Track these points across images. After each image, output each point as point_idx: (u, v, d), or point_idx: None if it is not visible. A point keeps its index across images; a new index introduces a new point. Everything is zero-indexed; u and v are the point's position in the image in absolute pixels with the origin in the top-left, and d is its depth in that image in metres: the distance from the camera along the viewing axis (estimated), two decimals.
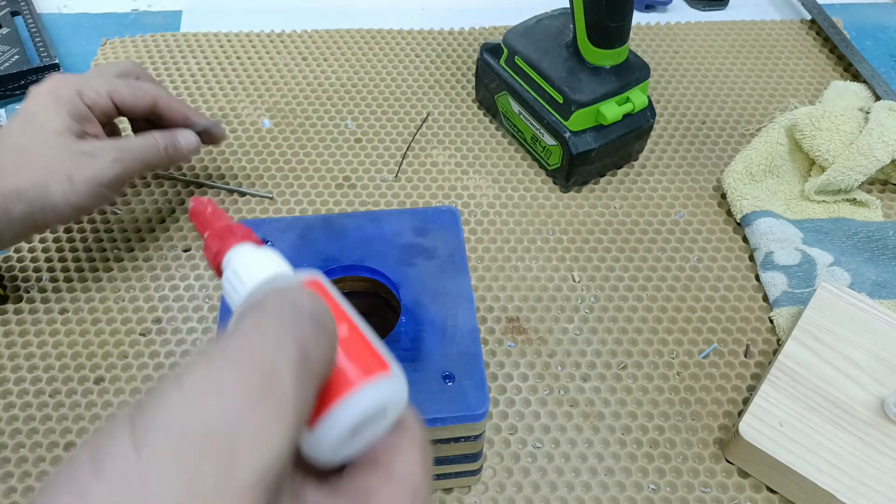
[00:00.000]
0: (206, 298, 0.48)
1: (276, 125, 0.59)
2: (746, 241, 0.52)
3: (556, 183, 0.55)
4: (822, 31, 0.69)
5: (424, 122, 0.60)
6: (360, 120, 0.60)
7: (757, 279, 0.50)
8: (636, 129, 0.53)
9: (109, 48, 0.65)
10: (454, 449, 0.35)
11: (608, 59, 0.50)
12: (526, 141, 0.56)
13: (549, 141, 0.53)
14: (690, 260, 0.51)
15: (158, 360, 0.45)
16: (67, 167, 0.40)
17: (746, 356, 0.46)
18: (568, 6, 0.49)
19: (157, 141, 0.44)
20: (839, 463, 0.38)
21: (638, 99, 0.51)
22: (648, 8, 0.72)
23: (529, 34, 0.54)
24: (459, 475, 0.38)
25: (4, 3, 0.68)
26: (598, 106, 0.50)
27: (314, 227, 0.38)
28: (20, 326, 0.46)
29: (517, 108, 0.55)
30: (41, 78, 0.51)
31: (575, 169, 0.52)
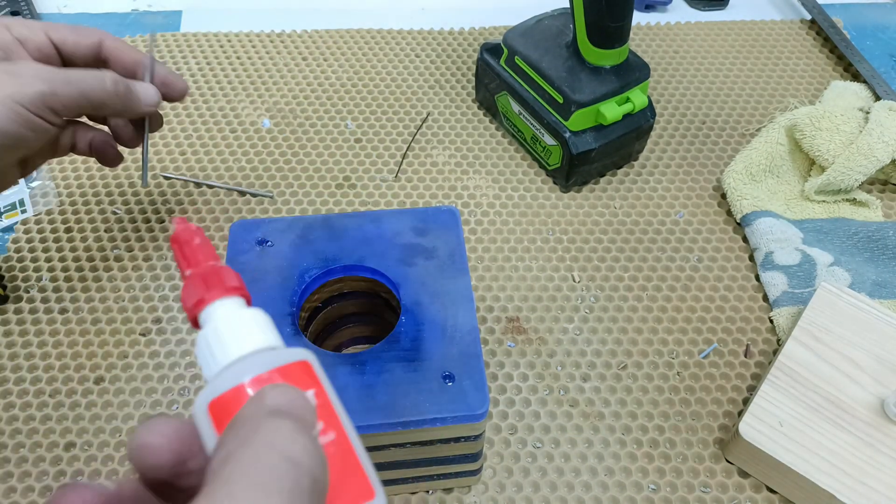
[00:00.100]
0: None
1: (276, 125, 0.59)
2: (746, 241, 0.52)
3: (556, 183, 0.55)
4: (822, 31, 0.69)
5: (424, 122, 0.60)
6: (360, 120, 0.60)
7: (757, 279, 0.50)
8: (636, 129, 0.53)
9: None
10: (454, 449, 0.35)
11: (608, 59, 0.50)
12: (526, 141, 0.56)
13: (549, 141, 0.53)
14: (690, 260, 0.51)
15: (158, 360, 0.45)
16: None
17: (746, 356, 0.46)
18: (568, 6, 0.49)
19: (104, 75, 0.38)
20: (839, 463, 0.38)
21: (638, 99, 0.51)
22: (648, 8, 0.72)
23: (529, 34, 0.54)
24: (459, 475, 0.38)
25: (4, 2, 0.68)
26: (598, 106, 0.50)
27: (314, 227, 0.38)
28: (20, 326, 0.46)
29: (517, 108, 0.55)
30: None
31: (575, 169, 0.52)
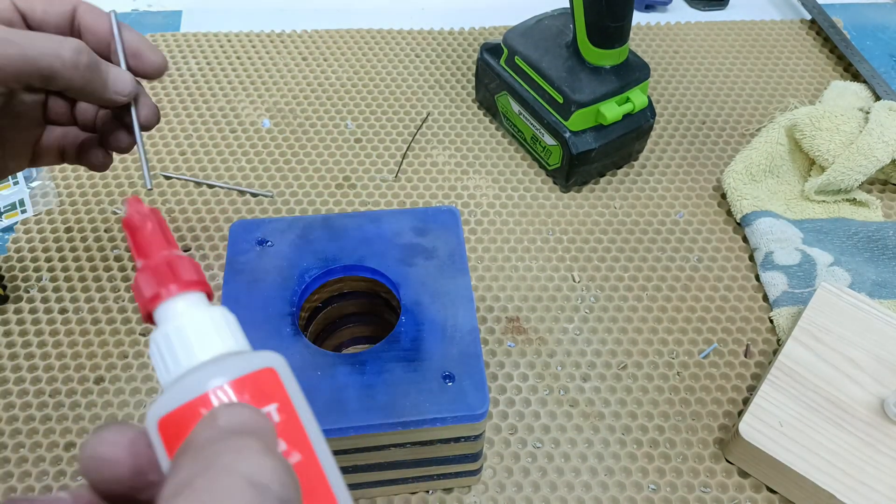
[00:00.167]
0: None
1: (276, 125, 0.59)
2: (746, 241, 0.52)
3: (556, 183, 0.55)
4: (822, 31, 0.69)
5: (424, 122, 0.60)
6: (360, 120, 0.60)
7: (757, 279, 0.50)
8: (636, 129, 0.53)
9: None
10: (454, 449, 0.35)
11: (608, 59, 0.50)
12: (526, 141, 0.56)
13: (549, 141, 0.53)
14: (690, 260, 0.51)
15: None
16: None
17: (746, 356, 0.46)
18: (568, 6, 0.49)
19: (63, 40, 0.31)
20: (839, 463, 0.38)
21: (638, 99, 0.51)
22: (648, 8, 0.72)
23: (529, 34, 0.54)
24: (459, 475, 0.38)
25: None
26: (598, 106, 0.50)
27: (314, 227, 0.38)
28: (20, 326, 0.46)
29: (517, 108, 0.55)
30: None
31: (575, 169, 0.52)
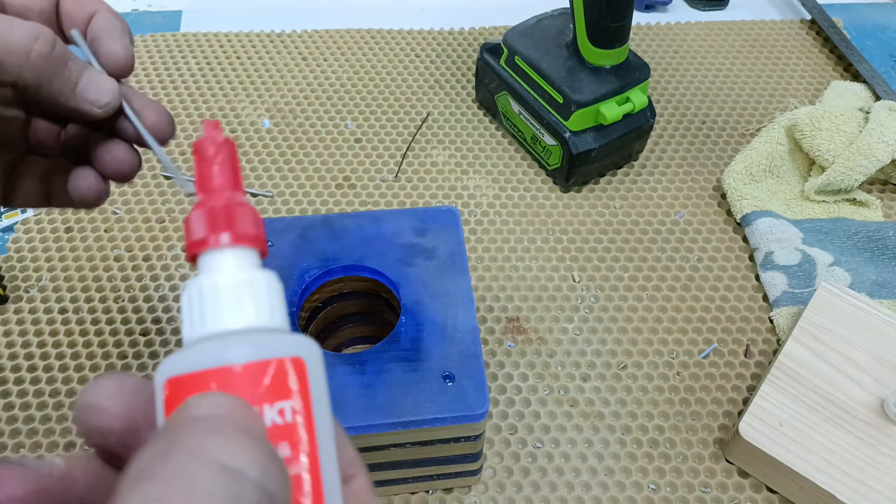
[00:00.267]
0: None
1: (276, 125, 0.59)
2: (746, 241, 0.52)
3: (556, 183, 0.55)
4: (822, 31, 0.69)
5: (424, 122, 0.60)
6: (360, 120, 0.60)
7: (757, 279, 0.50)
8: (636, 129, 0.53)
9: None
10: (454, 449, 0.35)
11: (608, 59, 0.50)
12: (526, 141, 0.56)
13: (549, 141, 0.53)
14: (690, 260, 0.51)
15: (158, 360, 0.45)
16: None
17: (746, 356, 0.46)
18: (568, 6, 0.49)
19: (18, 25, 0.24)
20: (839, 463, 0.38)
21: (638, 99, 0.51)
22: (648, 8, 0.72)
23: (529, 34, 0.54)
24: (459, 475, 0.38)
25: None
26: (598, 106, 0.50)
27: (314, 226, 0.38)
28: (20, 326, 0.46)
29: (517, 108, 0.55)
30: None
31: (575, 169, 0.52)
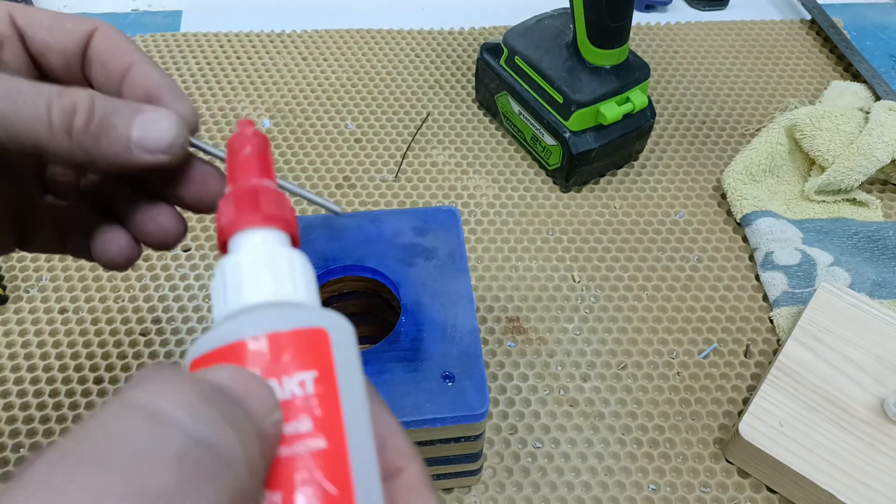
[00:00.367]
0: (205, 298, 0.48)
1: (276, 125, 0.59)
2: (746, 241, 0.52)
3: (556, 183, 0.55)
4: (822, 31, 0.69)
5: (424, 122, 0.60)
6: (360, 120, 0.60)
7: (757, 279, 0.50)
8: (636, 129, 0.53)
9: None
10: (454, 449, 0.35)
11: (608, 59, 0.50)
12: (526, 141, 0.56)
13: (549, 141, 0.53)
14: (690, 260, 0.51)
15: (158, 360, 0.45)
16: None
17: (746, 356, 0.46)
18: (568, 6, 0.49)
19: (52, 99, 0.21)
20: (839, 463, 0.38)
21: (638, 99, 0.51)
22: (648, 8, 0.72)
23: (529, 34, 0.54)
24: (459, 475, 0.38)
25: (4, 2, 0.68)
26: (598, 106, 0.50)
27: (314, 227, 0.38)
28: (20, 326, 0.46)
29: (517, 108, 0.55)
30: None
31: (575, 169, 0.52)
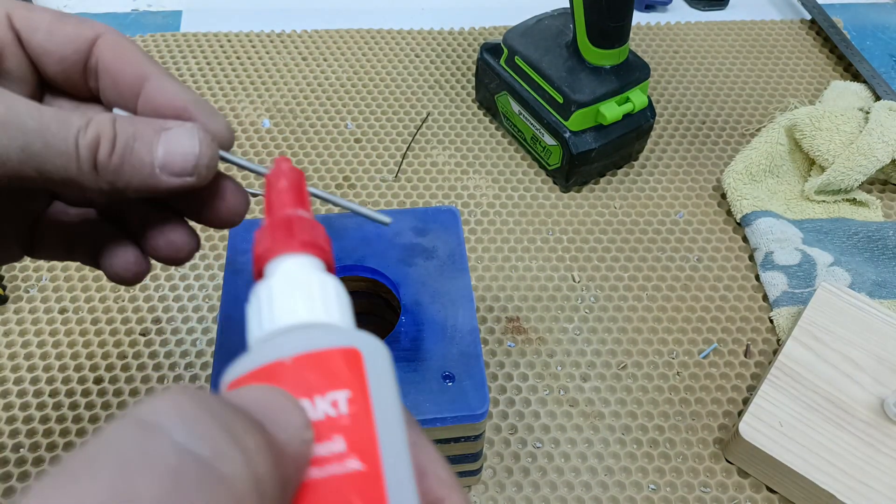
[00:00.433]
0: (205, 298, 0.48)
1: (275, 125, 0.59)
2: (746, 241, 0.52)
3: (556, 183, 0.55)
4: (822, 31, 0.69)
5: (424, 122, 0.60)
6: (360, 120, 0.60)
7: (757, 279, 0.50)
8: (636, 129, 0.53)
9: None
10: (454, 449, 0.35)
11: (608, 59, 0.50)
12: (526, 141, 0.56)
13: (549, 141, 0.53)
14: (690, 260, 0.51)
15: (158, 360, 0.45)
16: None
17: (746, 356, 0.46)
18: (568, 6, 0.49)
19: (78, 126, 0.20)
20: (839, 463, 0.38)
21: (638, 99, 0.51)
22: (648, 8, 0.72)
23: (529, 34, 0.54)
24: (459, 475, 0.38)
25: (4, 1, 0.68)
26: (598, 106, 0.50)
27: None
28: (20, 326, 0.46)
29: (517, 108, 0.55)
30: None
31: (575, 169, 0.52)
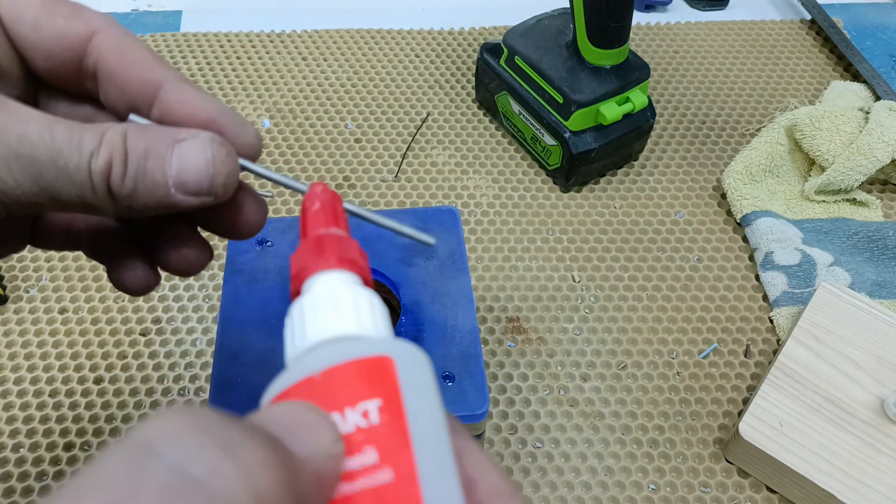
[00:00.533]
0: (205, 298, 0.48)
1: (275, 125, 0.59)
2: (746, 241, 0.52)
3: (556, 183, 0.55)
4: (822, 31, 0.69)
5: (424, 122, 0.60)
6: (360, 120, 0.60)
7: (757, 279, 0.50)
8: (636, 129, 0.53)
9: None
10: None
11: (608, 59, 0.50)
12: (526, 141, 0.56)
13: (549, 141, 0.53)
14: (690, 260, 0.51)
15: (158, 360, 0.45)
16: None
17: (746, 356, 0.46)
18: (568, 6, 0.49)
19: (91, 148, 0.18)
20: (839, 463, 0.38)
21: (638, 99, 0.51)
22: (648, 8, 0.72)
23: (529, 34, 0.54)
24: None
25: None
26: (598, 106, 0.50)
27: None
28: (20, 326, 0.46)
29: (517, 108, 0.55)
30: None
31: (575, 169, 0.52)
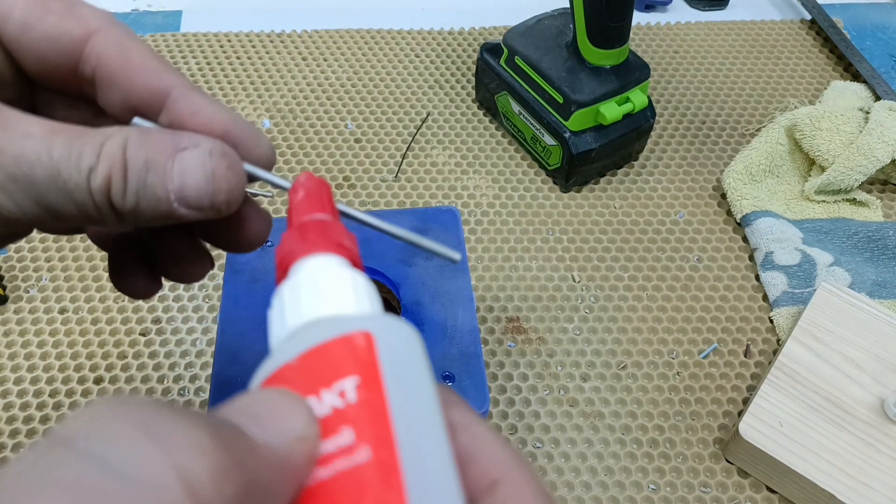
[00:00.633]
0: (205, 298, 0.48)
1: (275, 125, 0.59)
2: (746, 241, 0.52)
3: (556, 183, 0.55)
4: (822, 31, 0.69)
5: (424, 122, 0.60)
6: (360, 120, 0.60)
7: (757, 279, 0.50)
8: (636, 129, 0.53)
9: None
10: None
11: (608, 59, 0.50)
12: (526, 141, 0.56)
13: (549, 141, 0.53)
14: (690, 260, 0.51)
15: (158, 360, 0.45)
16: None
17: (746, 356, 0.46)
18: (568, 6, 0.49)
19: (90, 162, 0.18)
20: (839, 463, 0.38)
21: (638, 99, 0.51)
22: (648, 8, 0.72)
23: (529, 34, 0.54)
24: None
25: None
26: (598, 106, 0.50)
27: None
28: (20, 326, 0.46)
29: (517, 108, 0.55)
30: None
31: (575, 169, 0.52)
